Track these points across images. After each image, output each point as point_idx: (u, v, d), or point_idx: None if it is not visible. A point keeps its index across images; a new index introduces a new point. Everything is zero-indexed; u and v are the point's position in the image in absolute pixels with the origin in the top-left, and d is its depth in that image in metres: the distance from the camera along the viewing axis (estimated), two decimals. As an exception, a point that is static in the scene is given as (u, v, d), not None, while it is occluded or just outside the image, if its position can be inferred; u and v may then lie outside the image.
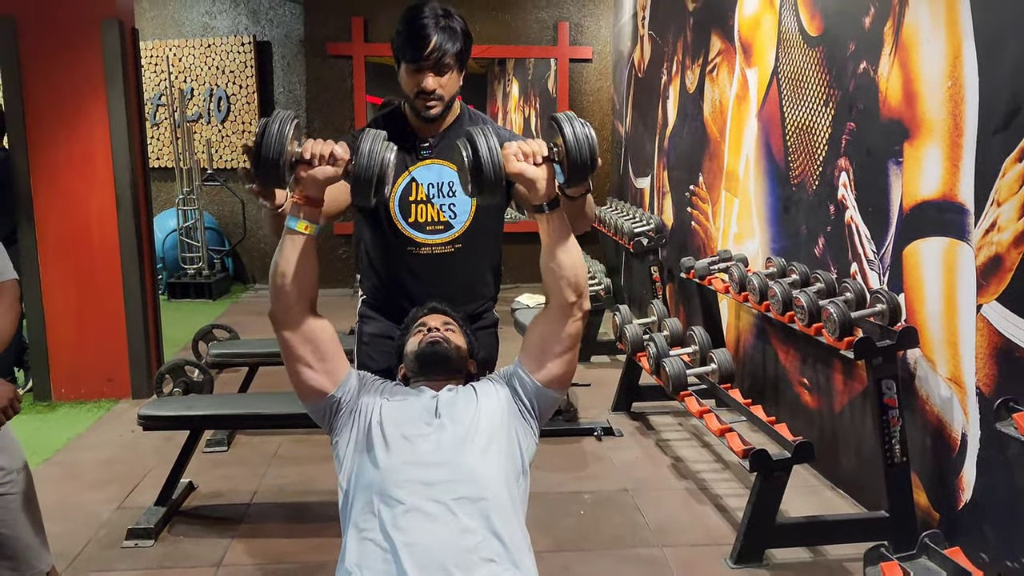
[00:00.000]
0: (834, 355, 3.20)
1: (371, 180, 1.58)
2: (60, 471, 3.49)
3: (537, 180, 1.64)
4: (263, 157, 1.53)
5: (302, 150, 1.60)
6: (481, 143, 1.59)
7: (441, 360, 1.87)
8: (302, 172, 1.60)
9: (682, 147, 5.10)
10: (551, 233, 1.70)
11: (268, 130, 1.53)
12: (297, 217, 1.65)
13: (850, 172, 3.15)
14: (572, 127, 1.60)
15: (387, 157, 1.60)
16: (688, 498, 3.23)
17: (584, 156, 1.60)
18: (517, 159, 1.63)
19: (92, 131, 4.22)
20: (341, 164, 1.60)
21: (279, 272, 1.67)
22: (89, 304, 4.33)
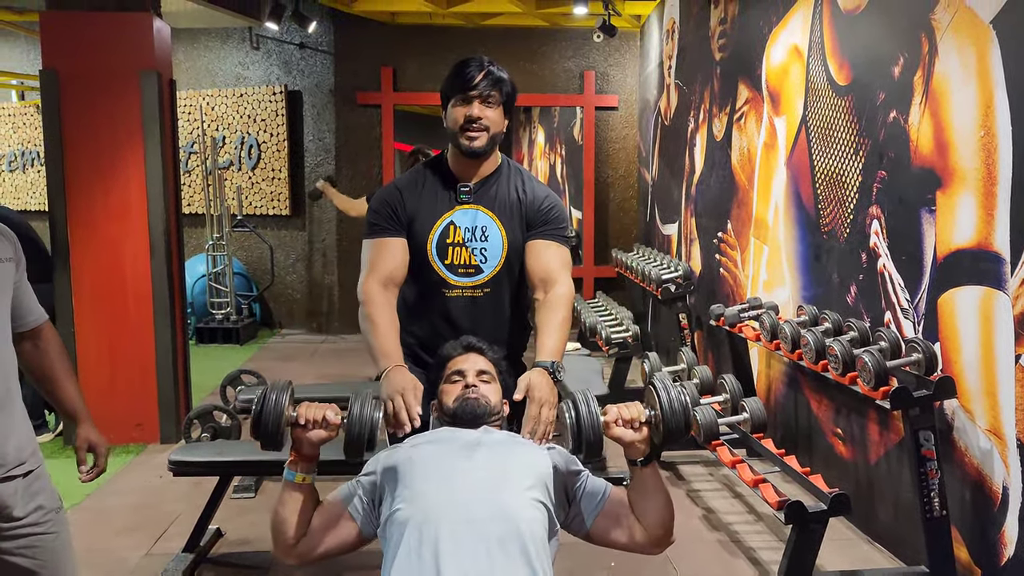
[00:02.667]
0: (869, 405, 3.16)
1: (362, 440, 1.72)
2: (89, 516, 3.50)
3: (635, 443, 1.73)
4: (263, 428, 1.68)
5: (297, 416, 1.73)
6: (583, 409, 1.72)
7: (478, 418, 1.89)
8: (298, 434, 1.73)
9: (710, 194, 5.11)
10: (645, 485, 1.77)
11: (266, 404, 1.69)
12: (294, 471, 1.75)
13: (882, 220, 3.13)
14: (668, 395, 1.71)
15: (375, 417, 1.75)
16: (721, 551, 3.16)
17: (679, 423, 1.69)
18: (617, 424, 1.72)
19: (129, 180, 4.31)
20: (333, 427, 1.73)
21: (279, 520, 1.75)
22: (121, 350, 4.38)
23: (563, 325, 2.12)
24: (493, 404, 1.93)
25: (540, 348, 2.09)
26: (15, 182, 8.78)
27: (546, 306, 2.16)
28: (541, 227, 2.23)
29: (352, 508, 1.78)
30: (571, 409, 1.73)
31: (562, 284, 2.18)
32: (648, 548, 1.79)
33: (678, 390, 1.72)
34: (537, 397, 1.93)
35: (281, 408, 1.69)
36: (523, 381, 1.98)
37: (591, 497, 1.81)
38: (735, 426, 3.26)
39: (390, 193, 2.24)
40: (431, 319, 2.22)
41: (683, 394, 1.72)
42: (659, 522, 1.76)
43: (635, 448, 1.73)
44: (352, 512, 1.77)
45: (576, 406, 1.72)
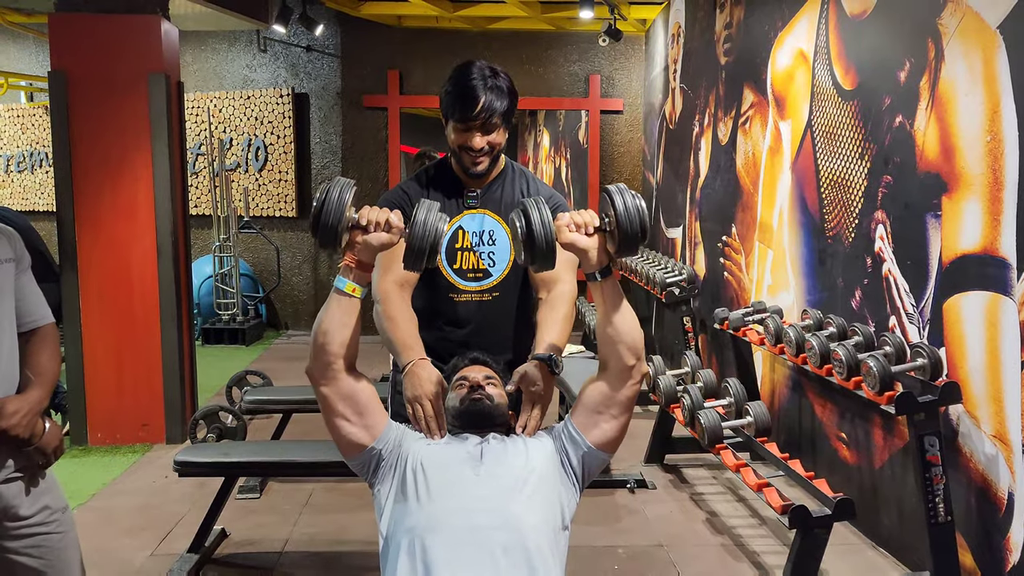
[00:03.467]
0: (873, 410, 3.16)
1: (424, 249, 1.66)
2: (95, 516, 3.51)
3: (589, 249, 1.71)
4: (323, 222, 1.61)
5: (359, 216, 1.68)
6: (534, 214, 1.66)
7: (484, 417, 1.88)
8: (357, 237, 1.68)
9: (714, 198, 5.11)
10: (605, 300, 1.75)
11: (328, 196, 1.62)
12: (347, 279, 1.71)
13: (887, 225, 3.13)
14: (623, 199, 1.67)
15: (440, 228, 1.67)
16: (724, 555, 3.16)
17: (635, 228, 1.66)
18: (570, 229, 1.70)
19: (136, 181, 4.33)
20: (396, 232, 1.68)
21: (322, 330, 1.71)
22: (127, 350, 4.39)
23: (563, 321, 2.11)
24: (497, 403, 1.92)
25: (539, 342, 2.07)
26: (24, 183, 8.82)
27: (548, 303, 2.15)
28: None
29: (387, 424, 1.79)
30: (521, 217, 1.67)
31: (565, 282, 2.17)
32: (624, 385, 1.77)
33: (633, 194, 1.68)
34: (532, 391, 1.93)
35: (344, 204, 1.61)
36: (518, 372, 1.97)
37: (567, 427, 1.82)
38: (739, 429, 3.27)
39: (398, 195, 2.24)
40: (440, 324, 2.22)
41: (638, 198, 1.68)
42: (628, 346, 1.74)
43: (590, 257, 1.70)
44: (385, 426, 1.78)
45: (526, 212, 1.66)
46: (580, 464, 1.81)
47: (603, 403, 1.80)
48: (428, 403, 1.88)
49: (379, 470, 1.78)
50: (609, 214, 1.69)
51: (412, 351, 1.99)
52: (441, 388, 1.91)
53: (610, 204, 1.68)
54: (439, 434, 1.86)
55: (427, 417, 1.87)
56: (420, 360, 1.96)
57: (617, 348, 1.77)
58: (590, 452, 1.80)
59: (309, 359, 1.75)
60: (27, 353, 1.89)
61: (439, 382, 1.92)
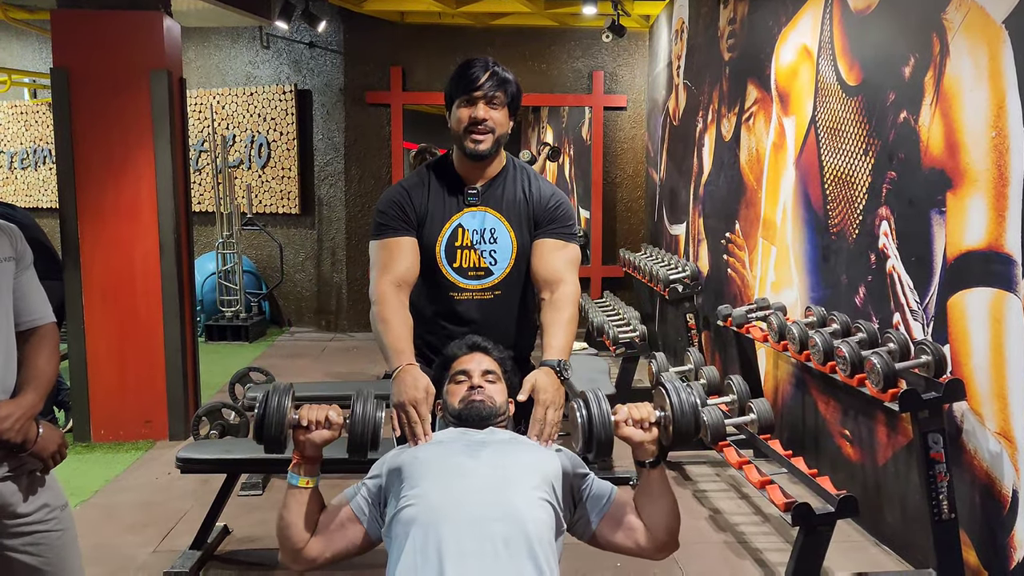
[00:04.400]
0: (877, 407, 3.15)
1: (365, 441, 1.73)
2: (97, 512, 3.51)
3: (644, 443, 1.74)
4: (265, 433, 1.69)
5: (299, 417, 1.74)
6: (595, 409, 1.71)
7: (483, 419, 1.89)
8: (301, 436, 1.73)
9: (718, 195, 5.10)
10: (652, 489, 1.77)
11: (268, 407, 1.70)
12: (298, 475, 1.76)
13: (891, 221, 3.12)
14: (679, 397, 1.72)
15: (378, 418, 1.75)
16: (727, 552, 3.16)
17: (689, 425, 1.71)
18: (627, 424, 1.73)
19: (139, 178, 4.33)
20: (336, 428, 1.75)
21: (284, 526, 1.75)
22: (130, 348, 4.40)
23: (569, 324, 2.10)
24: (499, 405, 1.93)
25: (546, 347, 2.06)
26: (27, 179, 8.83)
27: (552, 305, 2.14)
28: (548, 225, 2.21)
29: (358, 510, 1.77)
30: (582, 408, 1.73)
31: (568, 283, 2.16)
32: (652, 553, 1.78)
33: (688, 391, 1.72)
34: (543, 399, 1.92)
35: (284, 410, 1.70)
36: (528, 381, 1.96)
37: (596, 500, 1.81)
38: (742, 427, 3.25)
39: (398, 193, 2.23)
40: (441, 323, 2.21)
41: (692, 395, 1.72)
42: (665, 526, 1.75)
43: (644, 449, 1.73)
44: (358, 514, 1.77)
45: (588, 405, 1.72)
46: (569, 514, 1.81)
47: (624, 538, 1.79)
48: (412, 410, 1.86)
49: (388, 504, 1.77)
50: (664, 409, 1.74)
51: (401, 356, 1.98)
52: (427, 395, 1.90)
53: (667, 400, 1.73)
54: (425, 439, 1.85)
55: (411, 423, 1.86)
56: (408, 366, 1.95)
57: (653, 525, 1.77)
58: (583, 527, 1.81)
59: (280, 551, 1.78)
60: (25, 354, 1.87)
61: (426, 388, 1.90)
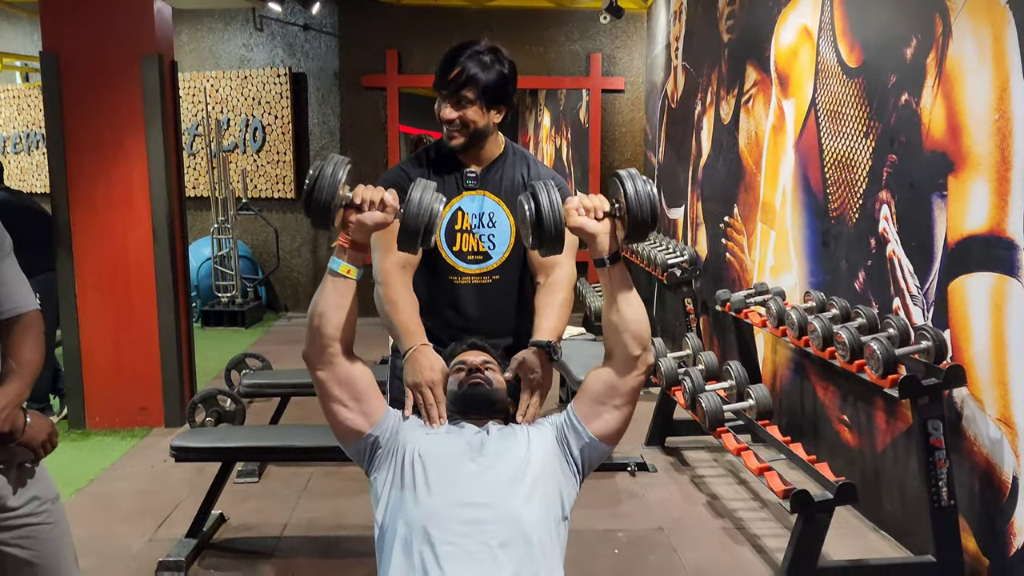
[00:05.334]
0: (876, 392, 3.13)
1: (419, 230, 1.61)
2: (92, 502, 3.49)
3: (598, 234, 1.66)
4: (315, 200, 1.58)
5: (353, 195, 1.63)
6: (543, 197, 1.63)
7: (483, 402, 1.85)
8: (351, 216, 1.64)
9: (716, 178, 5.06)
10: (613, 286, 1.71)
11: (322, 173, 1.57)
12: (341, 260, 1.67)
13: (892, 205, 3.08)
14: (634, 184, 1.63)
15: (436, 208, 1.63)
16: (725, 538, 3.14)
17: (645, 213, 1.63)
18: (579, 213, 1.66)
19: (131, 164, 4.28)
20: (391, 211, 1.63)
21: (317, 312, 1.68)
22: (125, 335, 4.36)
23: (562, 306, 2.08)
24: (496, 387, 1.88)
25: (537, 328, 2.04)
26: (20, 164, 8.77)
27: (546, 288, 2.12)
28: None
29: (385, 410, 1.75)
30: (530, 200, 1.64)
31: (563, 267, 2.14)
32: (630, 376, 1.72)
33: (643, 180, 1.65)
34: (530, 379, 1.90)
35: (337, 182, 1.57)
36: (516, 359, 1.94)
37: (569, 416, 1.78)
38: (740, 413, 3.24)
39: (398, 174, 2.20)
40: (439, 307, 2.19)
41: (648, 184, 1.65)
42: (633, 334, 1.70)
43: (599, 242, 1.66)
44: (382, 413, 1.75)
45: (535, 195, 1.63)
46: (581, 454, 1.77)
47: (606, 393, 1.76)
48: (428, 391, 1.85)
49: (376, 458, 1.75)
50: (619, 199, 1.66)
51: (414, 336, 1.96)
52: (443, 375, 1.88)
53: (620, 189, 1.65)
54: (439, 422, 1.83)
55: (427, 404, 1.84)
56: (422, 346, 1.93)
57: (622, 337, 1.73)
58: (591, 443, 1.77)
59: (305, 342, 1.72)
60: (9, 343, 1.83)
61: (441, 369, 1.89)
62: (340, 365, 1.71)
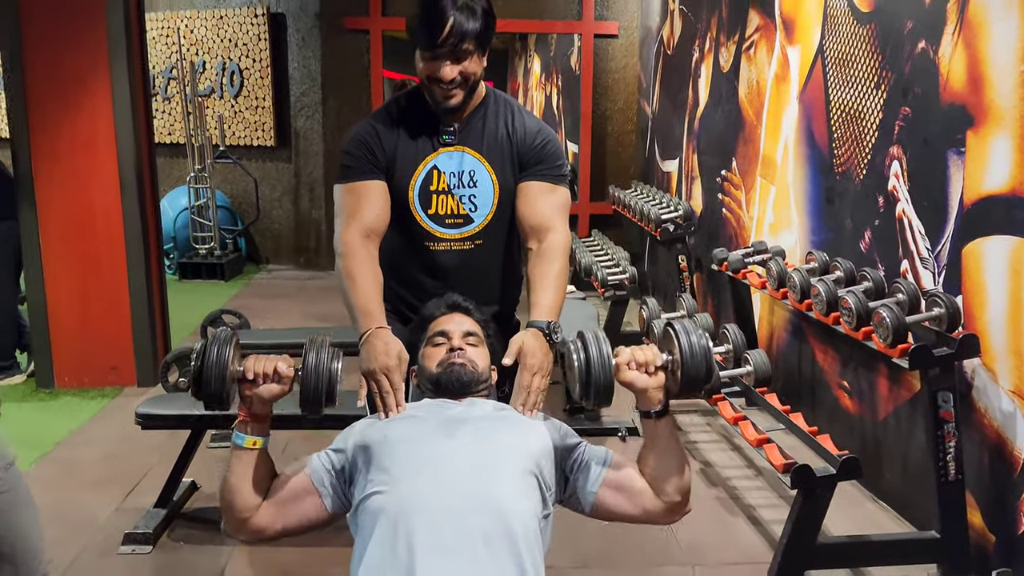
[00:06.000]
0: (880, 359, 2.98)
1: (319, 396, 1.52)
2: (58, 467, 3.34)
3: (649, 389, 1.54)
4: (204, 389, 1.48)
5: (244, 370, 1.52)
6: (594, 351, 1.52)
7: (464, 386, 1.70)
8: (247, 391, 1.53)
9: (714, 130, 4.85)
10: (658, 442, 1.58)
11: (206, 359, 1.47)
12: (244, 434, 1.54)
13: (903, 162, 2.90)
14: (689, 339, 1.51)
15: (334, 368, 1.52)
16: (719, 508, 3.03)
17: (700, 371, 1.50)
18: (629, 368, 1.53)
19: (95, 110, 4.03)
20: (287, 381, 1.53)
21: (228, 489, 1.54)
22: (93, 289, 4.16)
23: (559, 279, 1.91)
24: (480, 370, 1.73)
25: (533, 305, 1.87)
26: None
27: (540, 257, 1.93)
28: (534, 167, 1.98)
29: (318, 481, 1.58)
30: (580, 350, 1.54)
31: (558, 231, 1.95)
32: (662, 516, 1.61)
33: (699, 334, 1.53)
34: (530, 364, 1.73)
35: (225, 362, 1.48)
36: (514, 343, 1.77)
37: (591, 468, 1.62)
38: (737, 379, 3.09)
39: (366, 131, 2.00)
40: (416, 276, 2.01)
41: (703, 337, 1.53)
42: (675, 485, 1.58)
43: (649, 397, 1.55)
44: (318, 486, 1.58)
45: (586, 346, 1.54)
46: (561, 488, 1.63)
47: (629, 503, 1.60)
48: (384, 379, 1.67)
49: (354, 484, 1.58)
50: (673, 353, 1.54)
51: (370, 318, 1.78)
52: (400, 361, 1.71)
53: (675, 343, 1.52)
54: (396, 411, 1.66)
55: (383, 393, 1.67)
56: (377, 329, 1.75)
57: (663, 486, 1.58)
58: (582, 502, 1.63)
59: (223, 517, 1.58)
60: None
61: (398, 354, 1.71)
62: (265, 529, 1.57)
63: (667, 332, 1.56)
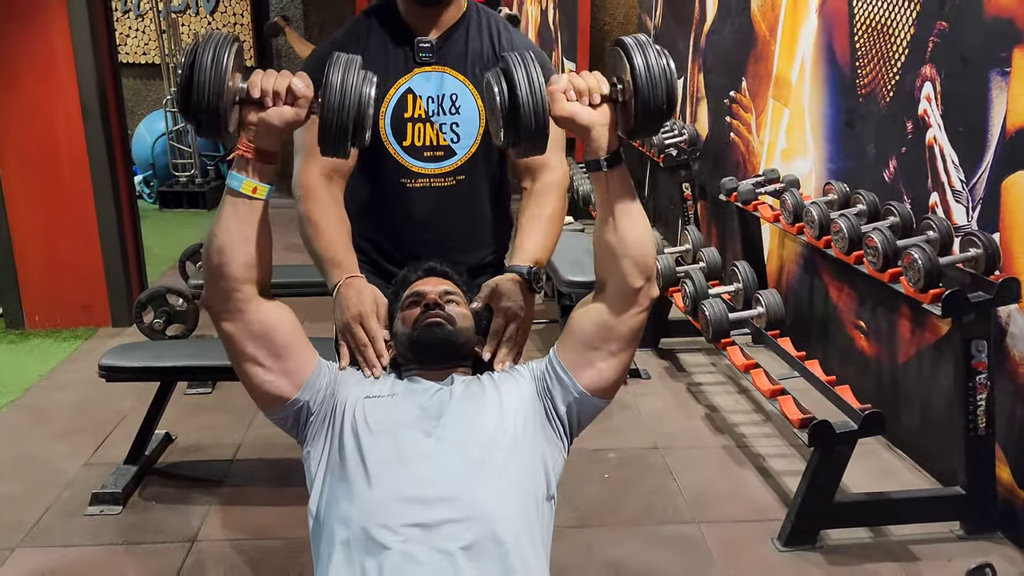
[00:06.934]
0: (901, 298, 2.76)
1: (345, 126, 1.19)
2: (26, 416, 3.15)
3: (593, 126, 1.24)
4: (195, 101, 1.13)
5: (248, 86, 1.19)
6: (520, 76, 1.19)
7: (444, 347, 1.46)
8: (251, 116, 1.21)
9: (722, 46, 4.50)
10: (610, 198, 1.30)
11: (198, 62, 1.12)
12: (243, 175, 1.24)
13: (936, 83, 2.62)
14: (644, 57, 1.19)
15: (366, 93, 1.19)
16: (726, 459, 2.85)
17: (659, 96, 1.20)
18: (568, 98, 1.22)
19: (50, 26, 3.68)
20: (303, 103, 1.20)
21: (215, 247, 1.26)
22: (60, 225, 3.90)
23: (551, 221, 1.69)
24: (461, 327, 1.49)
25: (516, 249, 1.65)
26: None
27: (533, 197, 1.71)
28: None
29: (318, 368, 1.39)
30: (500, 80, 1.22)
31: (554, 168, 1.72)
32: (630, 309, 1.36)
33: (656, 50, 1.23)
34: (503, 307, 1.54)
35: (223, 71, 1.14)
36: (487, 286, 1.57)
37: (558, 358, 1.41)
38: (748, 321, 2.88)
39: (326, 53, 1.73)
40: (391, 219, 1.76)
41: (663, 56, 1.23)
42: (639, 256, 1.32)
43: (595, 138, 1.27)
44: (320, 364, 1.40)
45: (508, 73, 1.21)
46: (568, 412, 1.41)
47: (599, 335, 1.38)
48: (359, 329, 1.48)
49: (308, 427, 1.37)
50: (623, 78, 1.22)
51: (341, 268, 1.57)
52: (376, 305, 1.51)
53: (626, 63, 1.21)
54: (380, 363, 1.47)
55: (360, 346, 1.47)
56: (348, 279, 1.55)
57: (621, 264, 1.33)
58: (581, 398, 1.40)
59: (205, 287, 1.31)
60: None
61: (374, 299, 1.52)
62: (251, 313, 1.31)
63: (615, 51, 1.26)
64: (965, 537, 2.37)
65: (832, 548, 2.35)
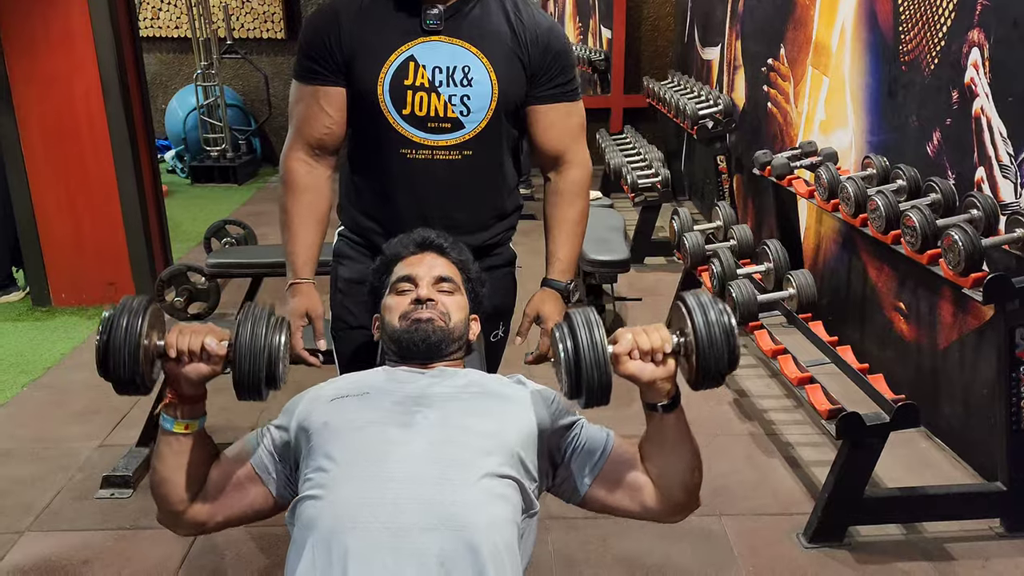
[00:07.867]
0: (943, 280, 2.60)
1: (257, 380, 1.22)
2: (45, 396, 3.15)
3: (657, 381, 1.23)
4: (113, 371, 1.20)
5: (165, 344, 1.21)
6: (583, 338, 1.19)
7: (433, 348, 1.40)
8: (171, 369, 1.26)
9: (760, 12, 4.30)
10: (665, 438, 1.27)
11: (113, 333, 1.18)
12: (173, 418, 1.25)
13: (985, 49, 2.43)
14: (705, 315, 1.18)
15: (275, 344, 1.22)
16: (752, 447, 2.73)
17: (720, 358, 1.17)
18: (632, 358, 1.20)
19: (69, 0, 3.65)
20: (217, 360, 1.23)
21: (158, 481, 1.28)
22: (83, 201, 3.89)
23: (579, 225, 1.74)
24: (453, 325, 1.41)
25: (552, 258, 1.69)
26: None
27: (559, 197, 1.73)
28: (548, 83, 1.68)
29: (260, 467, 1.34)
30: (566, 338, 1.21)
31: (578, 164, 1.73)
32: (664, 515, 1.34)
33: (719, 309, 1.19)
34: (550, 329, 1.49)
35: (135, 338, 1.18)
36: (529, 314, 1.68)
37: (587, 455, 1.34)
38: (778, 303, 2.75)
39: (325, 19, 1.65)
40: (388, 193, 1.69)
41: (724, 313, 1.19)
42: (682, 483, 1.29)
43: (656, 389, 1.24)
44: (261, 473, 1.34)
45: (573, 333, 1.21)
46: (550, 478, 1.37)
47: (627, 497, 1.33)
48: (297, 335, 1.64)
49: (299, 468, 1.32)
50: (686, 334, 1.20)
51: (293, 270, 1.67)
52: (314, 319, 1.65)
53: (688, 321, 1.19)
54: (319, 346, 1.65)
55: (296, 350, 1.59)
56: (295, 285, 1.66)
57: (667, 484, 1.30)
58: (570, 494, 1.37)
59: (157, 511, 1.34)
60: None
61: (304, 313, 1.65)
62: (204, 518, 1.33)
63: (677, 308, 1.22)
64: (1005, 535, 2.23)
65: (860, 545, 2.23)
